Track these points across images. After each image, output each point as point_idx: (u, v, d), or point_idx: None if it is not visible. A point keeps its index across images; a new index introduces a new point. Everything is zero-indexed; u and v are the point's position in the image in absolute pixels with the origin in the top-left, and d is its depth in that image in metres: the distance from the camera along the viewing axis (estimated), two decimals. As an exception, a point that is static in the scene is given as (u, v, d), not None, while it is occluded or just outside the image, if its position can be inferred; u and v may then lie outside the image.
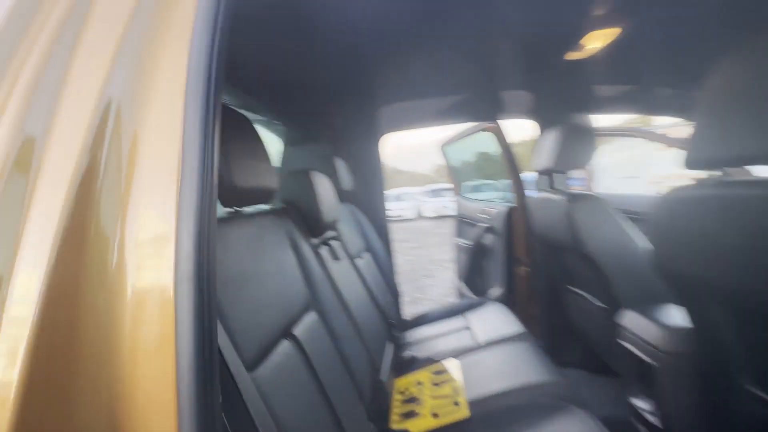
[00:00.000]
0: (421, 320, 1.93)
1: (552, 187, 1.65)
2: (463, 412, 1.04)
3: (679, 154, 0.77)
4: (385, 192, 2.14)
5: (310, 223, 1.13)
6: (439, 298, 4.60)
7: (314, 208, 1.13)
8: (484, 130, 2.23)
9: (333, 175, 1.61)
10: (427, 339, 1.67)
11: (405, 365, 1.45)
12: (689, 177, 0.92)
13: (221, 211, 0.77)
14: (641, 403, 1.15)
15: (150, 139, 0.32)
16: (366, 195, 2.05)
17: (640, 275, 1.22)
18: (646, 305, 1.16)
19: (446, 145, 2.76)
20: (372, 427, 0.93)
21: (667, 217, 0.84)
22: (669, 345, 1.01)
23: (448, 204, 15.13)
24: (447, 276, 4.74)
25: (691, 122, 0.73)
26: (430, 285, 5.18)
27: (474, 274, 2.48)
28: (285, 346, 0.74)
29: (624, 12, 1.23)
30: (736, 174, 0.80)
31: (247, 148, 0.77)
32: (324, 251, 1.19)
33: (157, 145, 0.32)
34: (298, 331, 0.81)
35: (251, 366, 0.61)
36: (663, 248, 0.87)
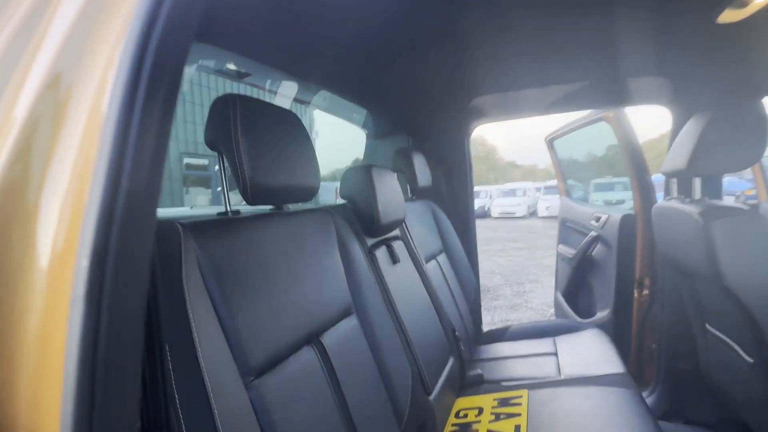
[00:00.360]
0: (502, 335, 1.73)
1: (684, 194, 1.26)
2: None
3: None
4: (473, 188, 1.96)
5: (366, 222, 1.08)
6: (541, 308, 4.14)
7: (372, 206, 1.07)
8: (600, 120, 1.86)
9: (409, 171, 1.53)
10: (503, 358, 1.49)
11: (469, 384, 1.31)
12: None
13: (259, 207, 0.77)
14: None
15: (68, 139, 0.30)
16: (450, 192, 1.91)
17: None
18: None
19: (554, 138, 2.40)
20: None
21: None
22: None
23: (521, 206, 13.54)
24: (553, 283, 4.20)
25: None
26: (531, 291, 4.71)
27: (577, 289, 2.13)
28: (305, 355, 0.71)
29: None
30: None
31: (284, 144, 0.75)
32: (381, 253, 1.13)
33: (71, 146, 0.30)
34: (328, 338, 0.77)
35: (257, 373, 0.60)
36: None
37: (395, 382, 0.90)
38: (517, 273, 5.74)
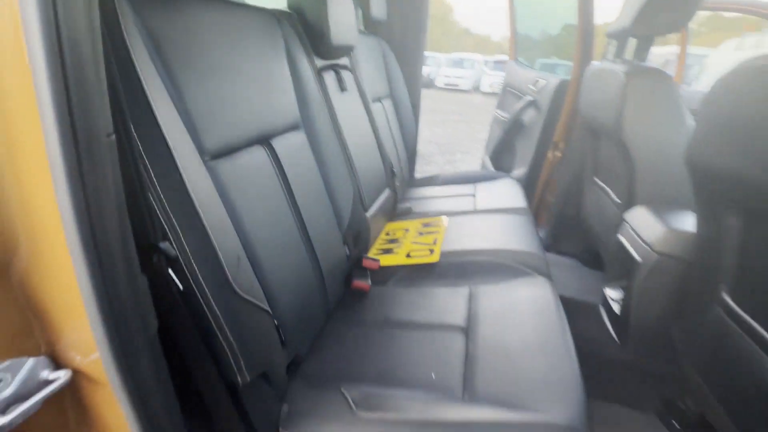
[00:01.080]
0: (431, 181, 1.93)
1: (619, 56, 1.36)
2: (434, 258, 1.10)
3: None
4: (426, 35, 1.87)
5: (314, 38, 1.01)
6: (467, 175, 4.55)
7: (322, 22, 0.99)
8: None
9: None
10: (430, 197, 1.69)
11: (400, 214, 1.50)
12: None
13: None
14: (613, 293, 1.17)
15: None
16: (403, 35, 1.80)
17: (668, 174, 1.09)
18: (660, 206, 1.06)
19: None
20: (344, 250, 1.01)
21: (719, 98, 0.67)
22: (665, 246, 0.95)
23: (466, 78, 13.27)
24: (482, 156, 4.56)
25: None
26: (461, 161, 5.06)
27: (503, 150, 2.34)
28: (257, 151, 0.74)
29: None
30: None
31: None
32: (330, 77, 1.10)
33: None
34: (278, 144, 0.80)
35: (213, 155, 0.62)
36: (701, 134, 0.73)
37: (338, 195, 1.00)
38: (452, 144, 6.02)
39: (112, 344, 0.36)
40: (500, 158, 2.38)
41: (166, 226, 0.49)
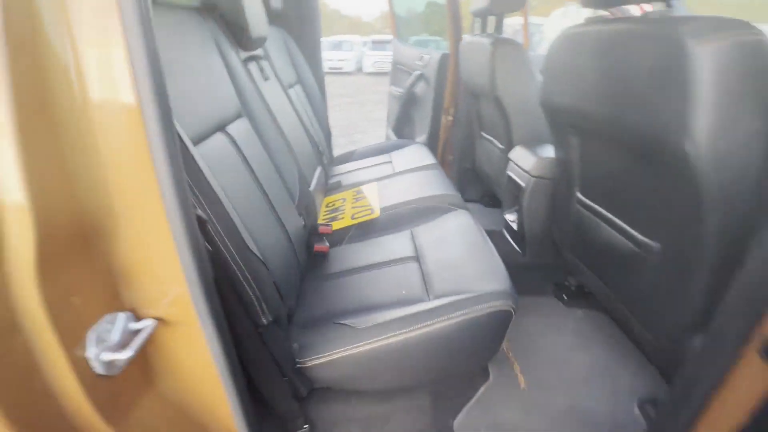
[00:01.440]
0: (350, 157, 2.10)
1: (484, 31, 1.69)
2: (375, 214, 1.30)
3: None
4: (320, 19, 1.99)
5: (236, 32, 1.09)
6: (371, 151, 4.82)
7: (240, 16, 1.07)
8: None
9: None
10: (353, 170, 1.87)
11: (332, 189, 1.65)
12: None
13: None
14: (510, 216, 1.52)
15: None
16: (300, 23, 1.89)
17: (533, 118, 1.45)
18: (530, 144, 1.42)
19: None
20: (301, 221, 1.14)
21: (554, 56, 0.99)
22: (537, 170, 1.30)
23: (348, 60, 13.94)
24: (381, 134, 4.88)
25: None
26: (361, 141, 5.30)
27: (403, 122, 2.62)
28: (220, 138, 0.83)
29: None
30: (617, 13, 0.93)
31: None
32: (254, 68, 1.19)
33: None
34: (232, 130, 0.89)
35: (194, 142, 0.71)
36: (546, 84, 1.05)
37: (285, 174, 1.12)
38: (349, 126, 6.21)
39: (196, 289, 0.47)
40: (402, 129, 2.66)
41: (196, 197, 0.59)
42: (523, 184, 1.34)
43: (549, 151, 1.34)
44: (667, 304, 0.82)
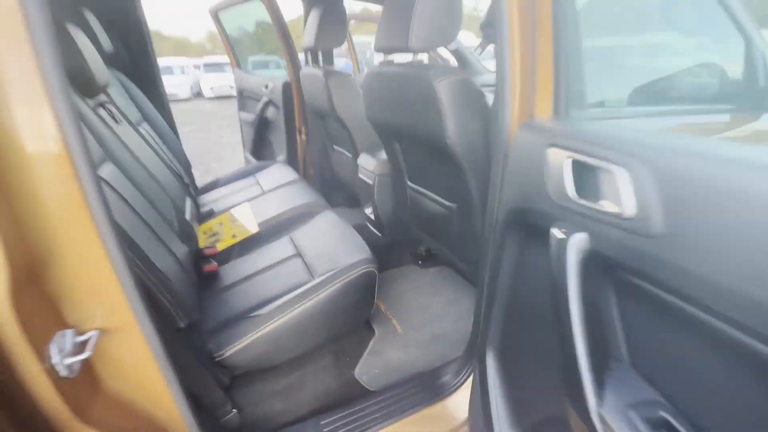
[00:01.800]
0: (215, 185, 2.17)
1: (315, 63, 2.01)
2: (255, 229, 1.48)
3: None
4: (155, 55, 2.01)
5: (79, 82, 1.12)
6: (232, 177, 4.72)
7: (83, 65, 1.11)
8: (256, -1, 2.27)
9: (90, 33, 1.45)
10: (222, 196, 1.96)
11: (205, 217, 1.73)
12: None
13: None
14: (368, 209, 1.88)
15: None
16: (134, 61, 1.89)
17: (369, 130, 1.83)
18: (371, 150, 1.81)
19: (219, 9, 2.62)
20: (185, 247, 1.24)
21: (367, 86, 1.36)
22: (379, 169, 1.68)
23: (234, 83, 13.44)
24: (238, 158, 4.81)
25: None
26: (218, 168, 5.14)
27: (259, 145, 2.77)
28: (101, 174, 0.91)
29: None
30: (396, 57, 1.34)
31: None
32: (104, 114, 1.22)
33: None
34: (104, 173, 0.97)
35: None
36: (368, 106, 1.42)
37: (162, 209, 1.21)
38: (202, 155, 5.88)
39: (134, 301, 0.61)
40: (260, 152, 2.81)
41: None
42: (371, 182, 1.71)
43: (382, 154, 1.73)
44: (468, 242, 1.26)
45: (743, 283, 0.40)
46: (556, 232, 0.58)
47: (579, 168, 0.62)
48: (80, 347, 0.59)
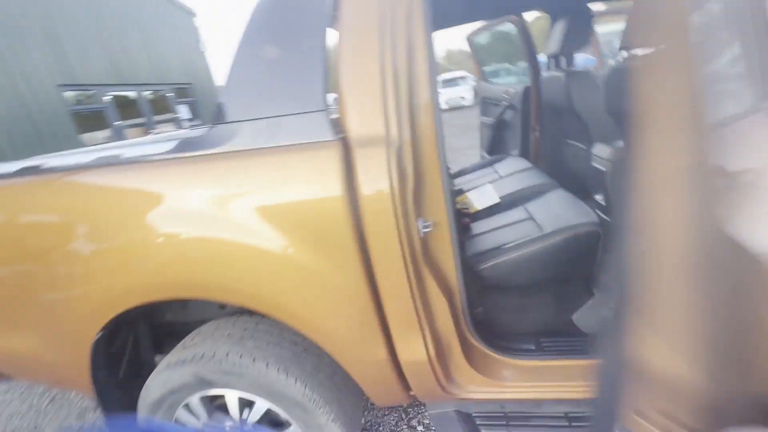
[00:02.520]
0: (461, 173, 2.79)
1: (558, 67, 2.29)
2: (496, 200, 1.94)
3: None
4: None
5: None
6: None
7: None
8: (507, 21, 2.75)
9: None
10: (468, 180, 2.54)
11: (455, 195, 2.34)
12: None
13: None
14: (598, 197, 2.02)
15: None
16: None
17: (605, 122, 1.98)
18: (606, 140, 1.95)
19: (472, 35, 3.26)
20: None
21: (609, 80, 1.56)
22: (613, 156, 1.82)
23: (466, 94, 14.78)
24: (467, 159, 5.51)
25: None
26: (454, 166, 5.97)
27: (494, 144, 3.25)
28: None
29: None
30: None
31: None
32: None
33: None
34: None
35: None
36: (608, 100, 1.62)
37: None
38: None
39: None
40: (493, 149, 3.28)
41: None
42: (605, 168, 1.87)
43: (617, 144, 1.85)
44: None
45: None
46: None
47: None
48: (425, 228, 1.17)
